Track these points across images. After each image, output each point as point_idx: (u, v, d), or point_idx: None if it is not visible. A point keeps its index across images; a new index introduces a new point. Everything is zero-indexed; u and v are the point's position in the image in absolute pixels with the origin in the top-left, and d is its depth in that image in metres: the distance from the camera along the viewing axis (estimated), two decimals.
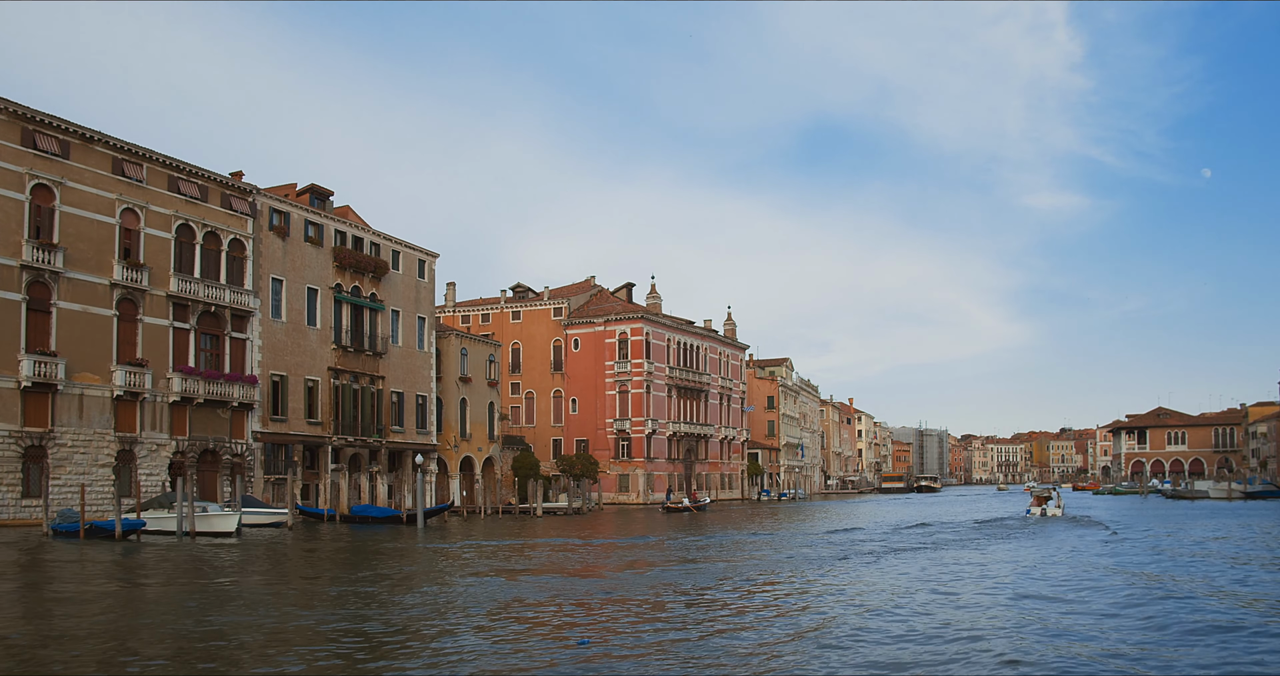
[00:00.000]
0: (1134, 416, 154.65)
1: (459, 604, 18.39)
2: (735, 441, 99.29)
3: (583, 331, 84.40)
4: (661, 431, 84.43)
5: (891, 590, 20.55)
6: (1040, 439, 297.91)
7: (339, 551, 32.84)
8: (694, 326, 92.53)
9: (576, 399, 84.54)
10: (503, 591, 20.20)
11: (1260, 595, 19.83)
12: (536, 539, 38.59)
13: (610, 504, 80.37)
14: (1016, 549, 32.64)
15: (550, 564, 27.02)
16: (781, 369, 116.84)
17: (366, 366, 55.87)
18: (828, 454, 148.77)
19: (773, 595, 19.93)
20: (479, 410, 66.42)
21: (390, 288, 57.93)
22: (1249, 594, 20.03)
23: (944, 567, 25.80)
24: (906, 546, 33.69)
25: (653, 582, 21.93)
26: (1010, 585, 21.52)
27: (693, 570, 24.62)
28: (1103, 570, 24.76)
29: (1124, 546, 32.69)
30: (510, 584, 21.57)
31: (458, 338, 64.58)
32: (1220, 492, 76.08)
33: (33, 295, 39.16)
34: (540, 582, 21.82)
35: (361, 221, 57.96)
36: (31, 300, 39.09)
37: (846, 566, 26.05)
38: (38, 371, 38.53)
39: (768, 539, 38.36)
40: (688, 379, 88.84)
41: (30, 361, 38.36)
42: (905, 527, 46.44)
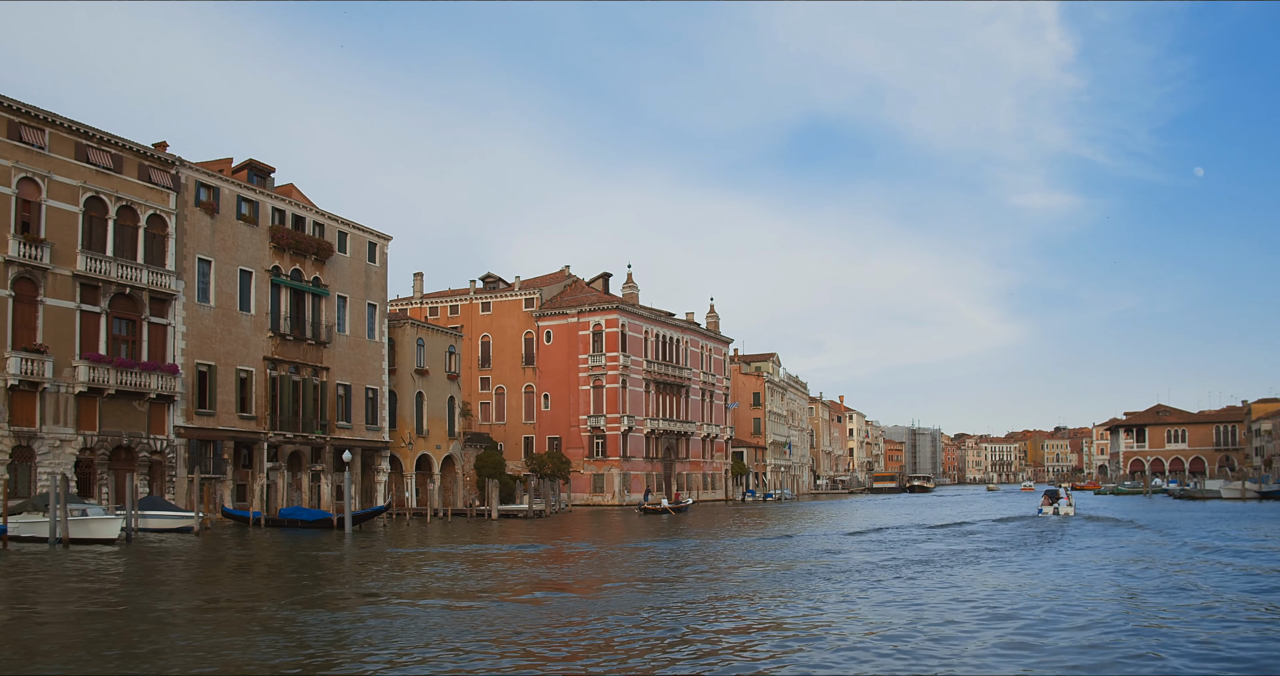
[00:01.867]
0: (1132, 414, 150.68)
1: (309, 640, 14.10)
2: (718, 440, 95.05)
3: (555, 323, 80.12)
4: (639, 429, 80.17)
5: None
6: (1034, 438, 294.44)
7: (236, 560, 28.55)
8: (674, 318, 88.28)
9: (549, 394, 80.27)
10: (384, 629, 15.84)
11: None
12: (485, 545, 34.36)
13: (583, 505, 76.16)
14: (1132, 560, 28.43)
15: (471, 581, 22.74)
16: (768, 364, 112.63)
17: (308, 356, 51.52)
18: (817, 453, 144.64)
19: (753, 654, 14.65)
20: (437, 405, 62.09)
21: (336, 271, 53.59)
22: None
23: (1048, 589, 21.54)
24: (950, 559, 29.45)
25: (589, 613, 17.62)
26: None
27: (639, 603, 20.13)
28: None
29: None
30: (406, 613, 17.19)
31: (413, 326, 60.26)
32: (1233, 492, 72.05)
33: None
34: (436, 618, 17.44)
35: (306, 200, 53.63)
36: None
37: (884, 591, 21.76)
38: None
39: (753, 544, 34.15)
40: (667, 373, 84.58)
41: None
42: (935, 526, 42.29)
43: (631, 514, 64.59)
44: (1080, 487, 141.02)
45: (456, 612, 16.86)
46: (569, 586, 21.32)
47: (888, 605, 17.66)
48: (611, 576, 23.59)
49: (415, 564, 26.78)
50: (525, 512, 54.36)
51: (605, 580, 22.64)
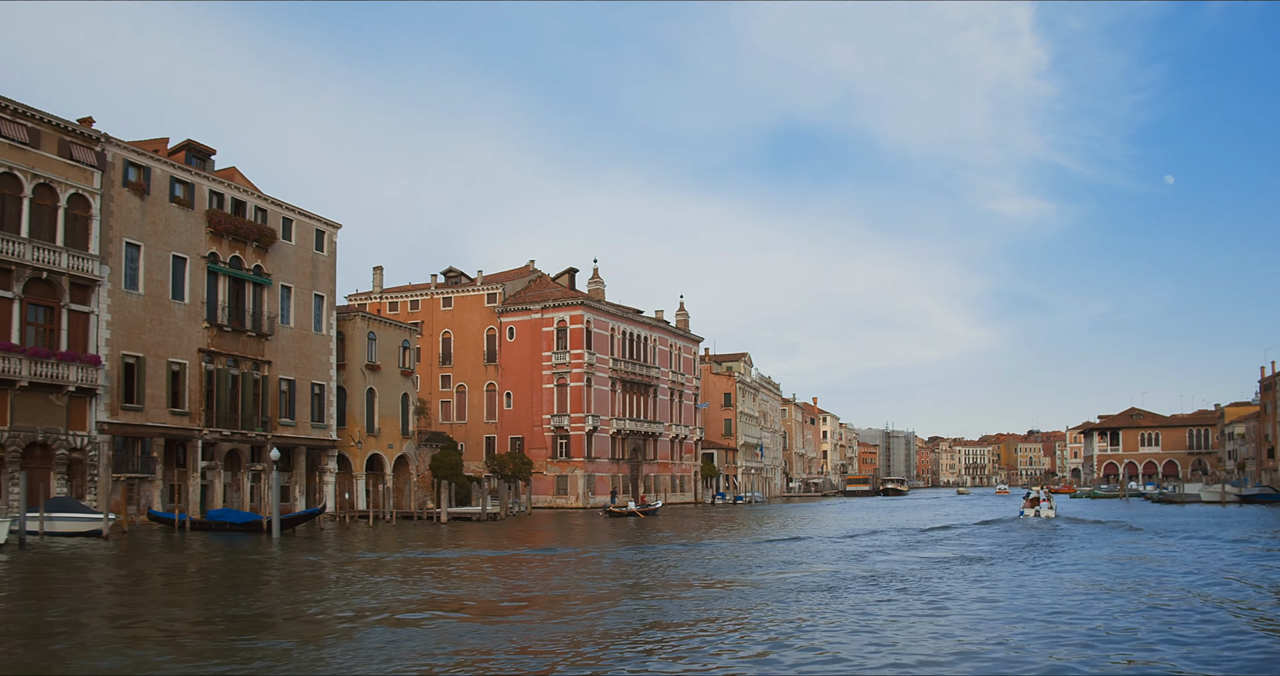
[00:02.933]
0: (1106, 417, 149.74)
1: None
2: (688, 441, 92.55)
3: (518, 319, 77.39)
4: (604, 429, 77.54)
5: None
6: (1008, 441, 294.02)
7: (133, 568, 25.72)
8: (642, 316, 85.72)
9: (511, 393, 77.54)
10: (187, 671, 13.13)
11: None
12: (421, 552, 31.65)
13: (546, 508, 73.44)
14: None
15: (363, 596, 20.05)
16: (739, 364, 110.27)
17: (249, 349, 48.56)
18: (790, 455, 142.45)
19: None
20: (390, 402, 59.22)
21: (280, 260, 50.65)
22: None
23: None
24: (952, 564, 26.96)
25: (467, 647, 14.98)
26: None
27: (543, 633, 17.52)
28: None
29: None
30: (233, 648, 14.44)
31: (364, 319, 57.36)
32: (1212, 496, 70.22)
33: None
34: (263, 652, 14.68)
35: (249, 184, 50.69)
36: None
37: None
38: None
39: (734, 551, 31.59)
40: (634, 372, 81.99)
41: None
42: (922, 530, 39.88)
43: (596, 517, 62.02)
44: (1055, 491, 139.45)
45: (306, 649, 14.03)
46: (469, 606, 18.61)
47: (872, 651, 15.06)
48: (533, 591, 20.98)
49: (317, 574, 24.10)
50: (478, 515, 51.54)
51: (518, 598, 20.01)
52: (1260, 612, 16.98)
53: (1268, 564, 25.93)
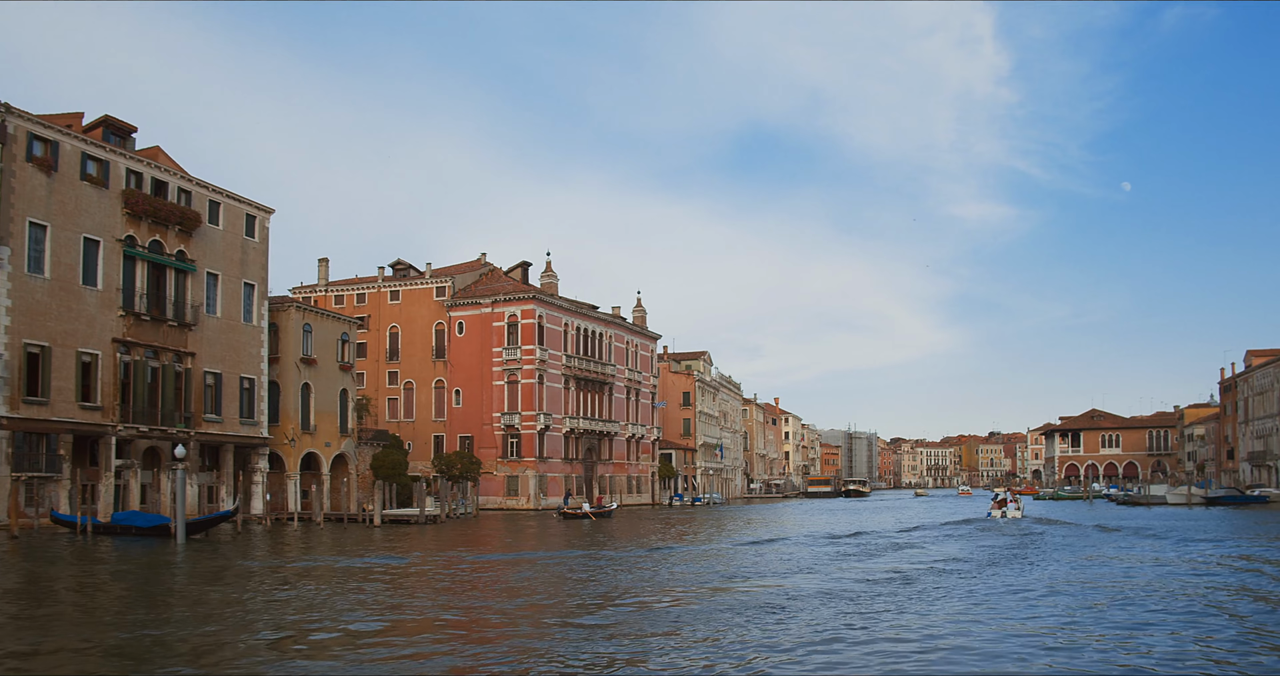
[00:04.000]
0: (1067, 418, 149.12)
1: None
2: (644, 440, 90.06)
3: (468, 313, 74.54)
4: (557, 427, 74.88)
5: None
6: (969, 442, 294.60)
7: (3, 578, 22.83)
8: (598, 311, 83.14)
9: (460, 390, 74.69)
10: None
11: None
12: (333, 558, 28.93)
13: (495, 509, 70.69)
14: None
15: (212, 623, 17.37)
16: (699, 363, 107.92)
17: (170, 339, 45.45)
18: (751, 456, 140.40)
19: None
20: (327, 398, 56.26)
21: (206, 245, 47.56)
22: None
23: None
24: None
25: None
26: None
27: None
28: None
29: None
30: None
31: (299, 311, 54.37)
32: (1179, 498, 68.89)
33: None
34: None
35: (174, 164, 47.60)
36: None
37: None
38: None
39: (666, 557, 29.09)
40: (589, 369, 79.40)
41: None
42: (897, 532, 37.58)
43: (548, 519, 59.43)
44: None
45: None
46: (367, 628, 16.00)
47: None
48: (450, 606, 18.37)
49: (197, 587, 21.36)
50: (416, 518, 48.69)
51: (431, 616, 17.40)
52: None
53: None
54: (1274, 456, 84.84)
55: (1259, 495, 68.69)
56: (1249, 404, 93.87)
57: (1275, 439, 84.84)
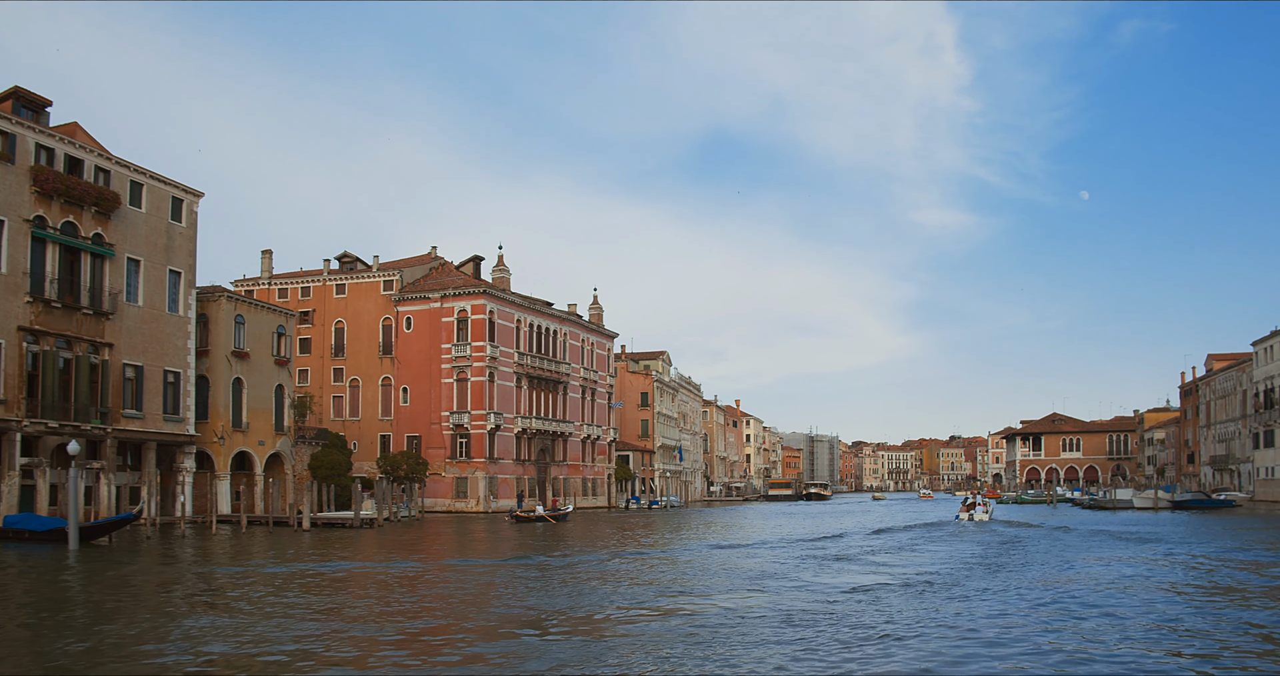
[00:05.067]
0: (1028, 422, 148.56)
1: None
2: (601, 441, 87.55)
3: (416, 308, 71.71)
4: (508, 427, 72.20)
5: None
6: (930, 446, 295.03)
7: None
8: (552, 308, 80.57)
9: (408, 388, 71.80)
10: None
11: None
12: (250, 564, 26.25)
13: (443, 512, 67.99)
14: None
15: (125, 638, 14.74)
16: (658, 363, 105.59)
17: (85, 329, 42.36)
18: (711, 458, 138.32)
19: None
20: (261, 394, 53.28)
21: (126, 229, 44.48)
22: None
23: None
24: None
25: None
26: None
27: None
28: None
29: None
30: None
31: (231, 301, 51.35)
32: (1145, 502, 67.50)
33: None
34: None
35: (93, 142, 44.53)
36: None
37: None
38: None
39: (635, 565, 26.66)
40: (542, 367, 76.80)
41: None
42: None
43: (499, 522, 56.87)
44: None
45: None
46: (242, 654, 13.48)
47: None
48: (247, 638, 15.83)
49: (55, 602, 18.69)
50: (351, 521, 45.85)
51: (312, 644, 14.88)
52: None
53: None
54: (1236, 460, 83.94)
55: (1225, 499, 67.58)
56: (1211, 407, 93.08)
57: (1238, 442, 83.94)
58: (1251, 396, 79.55)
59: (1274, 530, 43.66)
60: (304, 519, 43.86)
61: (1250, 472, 79.90)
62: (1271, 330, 75.78)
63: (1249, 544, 34.71)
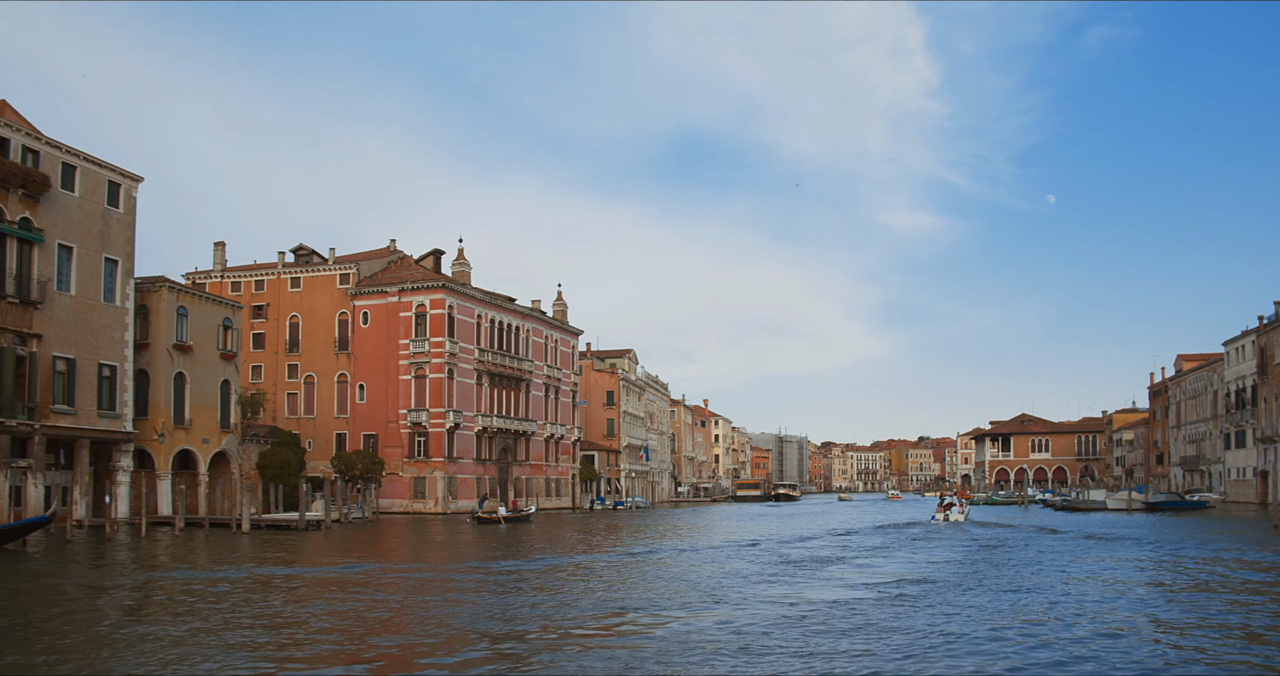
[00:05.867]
0: (997, 423, 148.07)
1: None
2: (564, 441, 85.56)
3: (373, 303, 69.43)
4: (468, 426, 70.07)
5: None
6: (899, 447, 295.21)
7: None
8: (515, 304, 78.53)
9: (365, 385, 69.51)
10: None
11: None
12: (165, 571, 24.16)
13: (401, 513, 65.83)
14: None
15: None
16: (624, 361, 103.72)
17: (10, 319, 39.86)
18: (679, 458, 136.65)
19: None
20: (205, 389, 50.90)
21: (56, 213, 42.03)
22: None
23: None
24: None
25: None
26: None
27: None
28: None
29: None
30: None
31: (173, 292, 48.96)
32: (1119, 503, 66.43)
33: None
34: None
35: (22, 121, 42.09)
36: None
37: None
38: None
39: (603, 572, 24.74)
40: (504, 365, 74.74)
41: None
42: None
43: (458, 524, 54.86)
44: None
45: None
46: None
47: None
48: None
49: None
50: (296, 523, 43.65)
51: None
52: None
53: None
54: (1207, 461, 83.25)
55: (1199, 500, 66.69)
56: (1181, 408, 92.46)
57: (1208, 443, 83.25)
58: (1223, 397, 78.83)
59: (1257, 531, 42.41)
60: (243, 521, 41.56)
61: (1221, 473, 79.20)
62: (1243, 330, 75.06)
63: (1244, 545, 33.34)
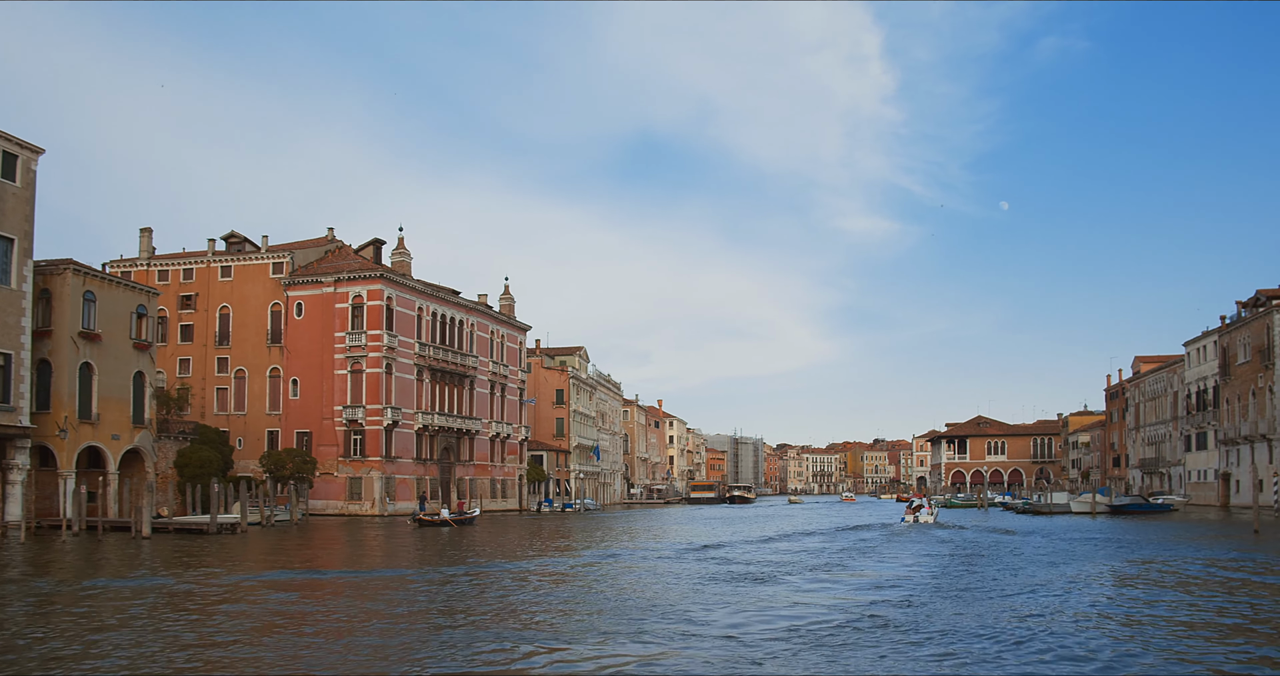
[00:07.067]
0: (953, 425, 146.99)
1: None
2: (511, 440, 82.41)
3: (308, 293, 65.93)
4: (407, 423, 66.76)
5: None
6: (855, 449, 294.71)
7: None
8: (459, 297, 75.30)
9: (298, 380, 66.00)
10: None
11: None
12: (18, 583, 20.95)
13: (335, 515, 62.51)
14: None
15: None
16: (574, 358, 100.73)
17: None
18: (632, 459, 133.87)
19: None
20: (116, 381, 47.27)
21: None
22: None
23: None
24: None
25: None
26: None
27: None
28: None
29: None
30: None
31: (79, 275, 45.28)
32: (1083, 506, 64.59)
33: None
34: None
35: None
36: None
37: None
38: None
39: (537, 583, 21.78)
40: (447, 360, 71.51)
41: None
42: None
43: (397, 526, 51.70)
44: (905, 499, 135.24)
45: None
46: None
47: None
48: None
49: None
50: (208, 527, 40.26)
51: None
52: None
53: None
54: (1167, 463, 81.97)
55: (1163, 503, 65.09)
56: (1140, 410, 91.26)
57: (1168, 445, 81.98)
58: (1183, 398, 77.52)
59: (1239, 536, 40.40)
60: (144, 524, 38.08)
61: (1182, 475, 77.87)
62: (1203, 330, 73.76)
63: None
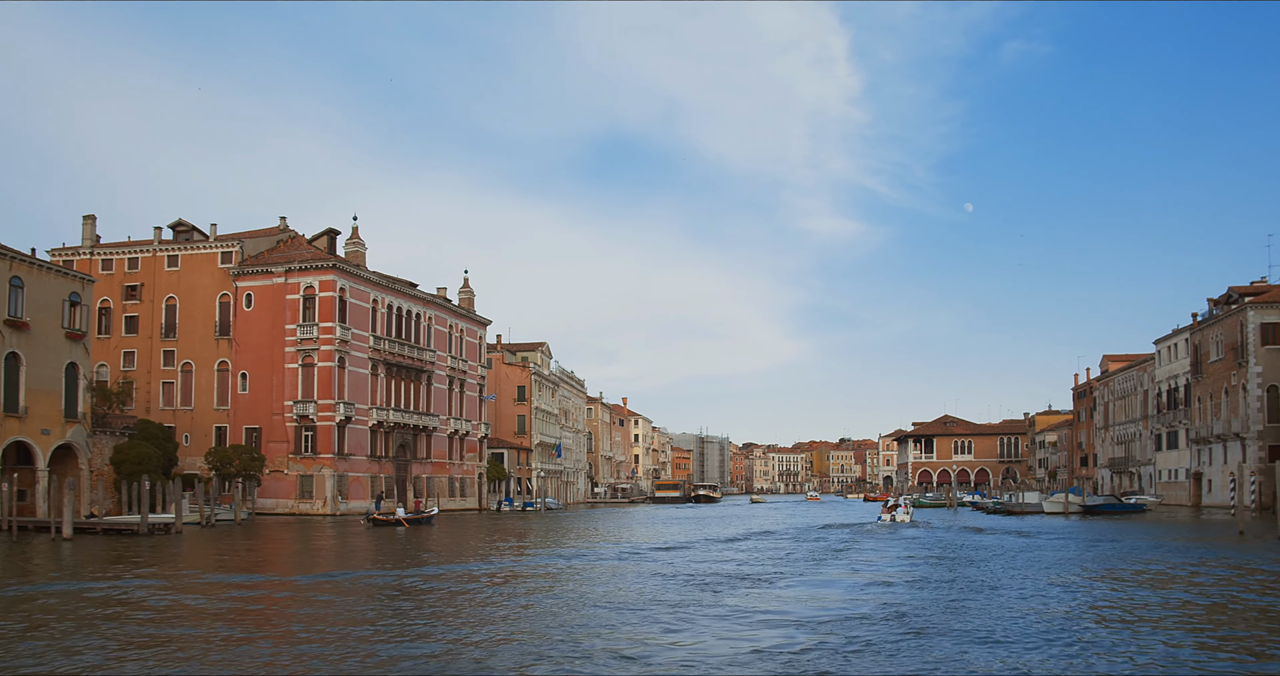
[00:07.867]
0: (920, 424, 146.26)
1: None
2: (470, 437, 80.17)
3: (258, 284, 63.45)
4: (361, 419, 64.42)
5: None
6: (820, 448, 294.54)
7: None
8: (417, 290, 73.00)
9: (247, 373, 63.51)
10: None
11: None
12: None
13: (285, 514, 60.24)
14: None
15: None
16: (536, 354, 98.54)
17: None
18: (596, 458, 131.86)
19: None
20: (46, 372, 44.73)
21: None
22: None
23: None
24: None
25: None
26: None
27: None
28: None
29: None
30: None
31: (5, 259, 42.69)
32: (1055, 506, 63.40)
33: None
34: None
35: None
36: None
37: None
38: None
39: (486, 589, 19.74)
40: (402, 354, 69.20)
41: None
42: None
43: (349, 526, 49.49)
44: (873, 499, 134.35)
45: None
46: None
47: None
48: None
49: None
50: (138, 527, 37.88)
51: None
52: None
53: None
54: (1137, 462, 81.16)
55: (1136, 503, 64.03)
56: (1109, 409, 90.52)
57: (1138, 444, 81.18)
58: (1154, 397, 76.68)
59: (1224, 537, 39.09)
60: (65, 524, 35.65)
61: (1152, 475, 77.02)
62: (1174, 328, 72.90)
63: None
